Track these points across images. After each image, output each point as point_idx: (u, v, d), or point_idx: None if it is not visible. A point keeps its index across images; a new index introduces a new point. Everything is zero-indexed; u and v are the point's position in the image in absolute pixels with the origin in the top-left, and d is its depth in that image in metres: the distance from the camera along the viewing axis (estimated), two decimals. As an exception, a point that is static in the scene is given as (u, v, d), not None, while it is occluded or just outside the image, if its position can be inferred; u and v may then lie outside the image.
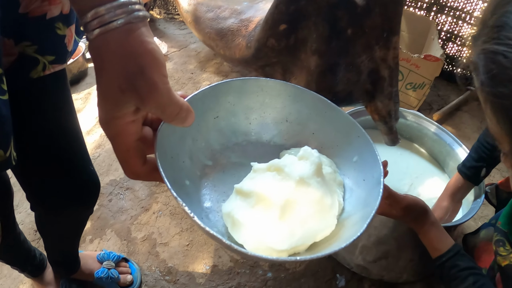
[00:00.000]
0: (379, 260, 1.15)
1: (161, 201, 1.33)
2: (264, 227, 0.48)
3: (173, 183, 0.43)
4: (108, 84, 0.36)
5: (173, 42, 2.53)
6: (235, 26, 1.30)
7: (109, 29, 0.35)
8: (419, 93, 1.92)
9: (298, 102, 0.62)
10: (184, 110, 0.40)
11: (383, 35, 0.97)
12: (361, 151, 0.57)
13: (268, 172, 0.53)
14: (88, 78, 2.16)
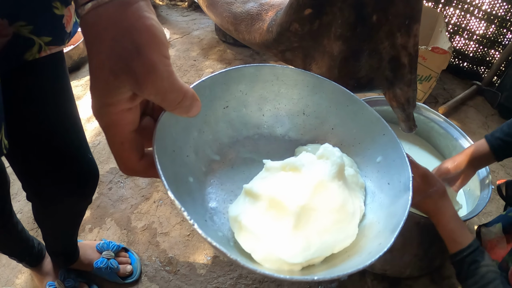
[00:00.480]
0: (383, 255, 1.11)
1: (162, 190, 1.27)
2: (275, 236, 0.41)
3: (174, 181, 0.36)
4: (99, 65, 0.29)
5: (175, 29, 2.45)
6: (255, 10, 1.23)
7: (102, 2, 0.29)
8: (425, 86, 1.85)
9: (317, 93, 0.55)
10: (189, 98, 0.33)
11: (405, 22, 0.92)
12: (387, 151, 0.50)
13: (283, 172, 0.46)
14: (86, 65, 2.08)
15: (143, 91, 0.30)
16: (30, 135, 0.64)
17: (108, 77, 0.29)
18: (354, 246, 0.43)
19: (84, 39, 0.30)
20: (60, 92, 0.66)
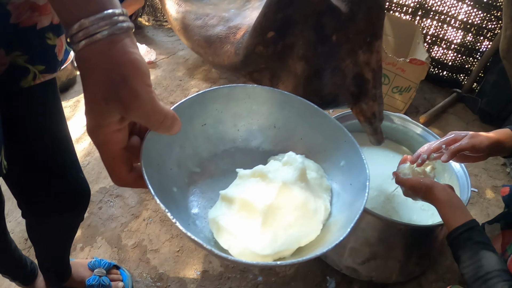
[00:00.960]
0: (368, 262, 1.17)
1: (151, 208, 1.34)
2: (247, 232, 0.49)
3: (160, 190, 0.44)
4: (93, 94, 0.37)
5: (161, 49, 2.54)
6: (223, 33, 1.31)
7: (93, 40, 0.36)
8: (405, 97, 1.95)
9: (285, 108, 0.64)
10: (169, 118, 0.41)
11: (367, 39, 1.00)
12: (348, 155, 0.58)
13: (253, 178, 0.55)
14: (76, 86, 2.16)
15: (130, 115, 0.38)
16: (25, 155, 0.70)
17: (100, 103, 0.37)
18: (320, 240, 0.51)
19: (79, 71, 0.38)
20: (53, 115, 0.73)
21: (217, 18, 1.44)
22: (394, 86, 1.94)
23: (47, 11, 0.58)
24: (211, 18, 1.45)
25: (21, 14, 0.55)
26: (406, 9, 2.36)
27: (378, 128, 1.15)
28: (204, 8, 1.61)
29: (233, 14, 1.46)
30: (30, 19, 0.57)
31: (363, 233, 1.14)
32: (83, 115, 1.84)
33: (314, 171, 0.58)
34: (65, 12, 0.37)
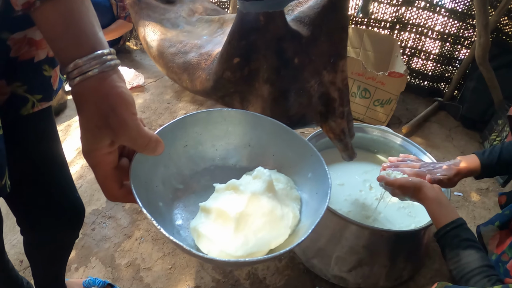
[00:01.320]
0: (354, 269, 1.24)
1: (143, 228, 1.40)
2: (223, 237, 0.57)
3: (147, 205, 0.52)
4: (87, 122, 0.46)
5: (149, 73, 2.64)
6: (196, 60, 1.40)
7: (86, 77, 0.44)
8: (386, 109, 2.05)
9: (257, 128, 0.72)
10: (153, 141, 0.49)
11: (330, 60, 1.08)
12: (315, 168, 0.67)
13: (227, 190, 0.63)
14: (67, 111, 2.24)
15: (119, 139, 0.46)
16: (25, 176, 0.76)
17: (93, 130, 0.45)
18: (290, 243, 0.59)
19: (75, 102, 0.46)
20: (50, 140, 0.81)
21: (190, 45, 1.53)
22: (375, 99, 2.04)
23: (43, 45, 0.66)
24: (185, 45, 1.54)
25: (20, 49, 0.63)
26: (384, 24, 2.50)
27: (348, 144, 1.21)
28: (178, 36, 1.70)
29: (205, 41, 1.56)
30: (28, 53, 0.64)
31: (347, 241, 1.20)
32: (74, 139, 1.92)
33: (283, 183, 0.67)
34: (62, 53, 0.45)
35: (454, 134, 2.21)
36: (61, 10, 0.44)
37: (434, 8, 2.34)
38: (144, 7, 1.92)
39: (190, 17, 1.98)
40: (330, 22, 1.06)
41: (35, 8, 0.43)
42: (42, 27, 0.46)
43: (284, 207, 0.62)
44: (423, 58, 2.51)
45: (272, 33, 0.99)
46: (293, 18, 1.08)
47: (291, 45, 1.00)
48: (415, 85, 2.58)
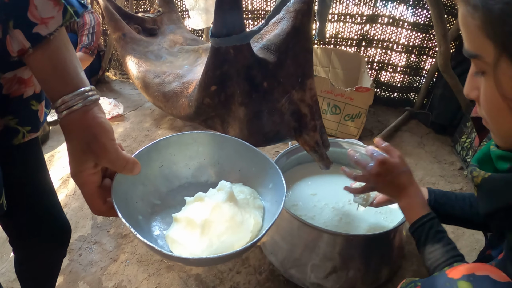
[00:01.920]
0: (330, 275, 1.31)
1: (128, 251, 1.50)
2: (191, 241, 0.70)
3: (128, 218, 0.64)
4: (74, 148, 0.58)
5: (128, 102, 2.78)
6: (178, 88, 1.56)
7: (72, 110, 0.57)
8: (357, 122, 2.21)
9: (224, 148, 0.86)
10: (130, 163, 0.62)
11: (298, 80, 1.22)
12: (274, 179, 0.80)
13: (195, 202, 0.77)
14: (50, 142, 2.35)
15: (101, 162, 0.59)
16: (16, 199, 0.86)
17: (79, 155, 0.58)
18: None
19: (63, 132, 0.58)
20: (38, 165, 0.92)
21: (172, 75, 1.69)
22: (345, 114, 2.20)
23: (31, 83, 0.77)
24: (168, 76, 1.70)
25: (11, 86, 0.74)
26: (350, 41, 2.69)
27: (323, 154, 1.34)
28: (161, 67, 1.86)
29: (186, 71, 1.72)
30: (18, 90, 0.75)
31: (321, 249, 1.29)
32: (58, 169, 2.03)
33: (247, 194, 0.80)
34: (51, 91, 0.58)
35: (426, 141, 2.36)
36: (49, 55, 0.57)
37: (397, 22, 2.54)
38: (129, 41, 2.09)
39: (172, 48, 2.16)
40: (295, 46, 1.20)
41: (28, 54, 0.56)
42: (34, 70, 0.58)
43: (244, 214, 0.75)
44: (390, 71, 2.70)
45: (241, 62, 1.14)
46: (261, 47, 1.23)
47: (259, 72, 1.15)
48: (385, 97, 2.77)
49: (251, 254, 1.44)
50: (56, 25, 0.56)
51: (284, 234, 1.34)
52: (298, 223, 1.27)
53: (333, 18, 2.68)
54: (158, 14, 2.41)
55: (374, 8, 2.57)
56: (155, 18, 2.38)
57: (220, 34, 1.09)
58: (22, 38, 0.55)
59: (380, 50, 2.66)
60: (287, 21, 1.20)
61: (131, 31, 2.16)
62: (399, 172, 1.03)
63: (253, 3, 2.95)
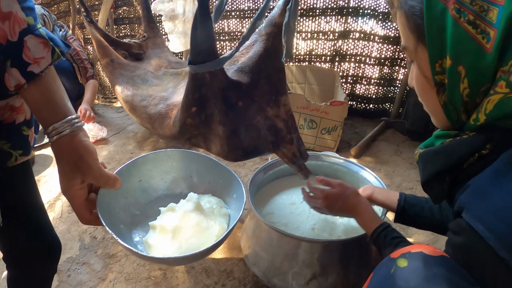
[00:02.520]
0: (311, 281, 1.36)
1: (115, 270, 1.59)
2: (164, 245, 0.83)
3: (111, 227, 0.75)
4: (63, 167, 0.70)
5: (112, 126, 2.90)
6: (164, 110, 1.69)
7: (61, 136, 0.69)
8: (333, 135, 2.34)
9: (195, 163, 0.99)
10: (112, 179, 0.74)
11: (272, 97, 1.34)
12: (237, 190, 0.94)
13: (167, 211, 0.90)
14: (35, 166, 2.45)
15: (86, 178, 0.71)
16: (10, 216, 0.94)
17: (68, 173, 0.70)
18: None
19: (54, 154, 0.70)
20: (29, 185, 1.02)
21: (158, 98, 1.83)
22: (322, 128, 2.33)
23: (22, 110, 0.88)
24: (154, 98, 1.83)
25: (4, 114, 0.84)
26: (324, 58, 2.85)
27: (302, 165, 1.42)
28: (148, 90, 2.00)
29: (170, 93, 1.85)
30: (11, 117, 0.83)
31: (299, 257, 1.35)
32: (44, 193, 2.12)
33: (214, 203, 0.94)
34: (43, 120, 0.71)
35: (402, 148, 2.50)
36: (41, 89, 0.70)
37: (368, 37, 2.72)
38: (116, 67, 2.24)
39: (157, 71, 2.30)
40: (268, 67, 1.32)
41: (24, 89, 0.68)
42: (28, 101, 0.71)
43: (209, 221, 0.88)
44: (365, 84, 2.86)
45: (216, 85, 1.26)
46: (236, 69, 1.35)
47: (233, 93, 1.27)
48: (362, 109, 2.92)
49: (235, 267, 1.53)
50: (46, 63, 0.69)
51: (264, 245, 1.41)
52: (276, 233, 1.35)
53: (307, 36, 2.86)
54: (144, 39, 2.56)
55: (345, 24, 2.73)
56: (140, 43, 2.54)
57: (196, 62, 1.22)
58: (18, 76, 0.67)
59: (354, 64, 2.83)
60: (260, 44, 1.32)
61: (118, 57, 2.30)
62: (344, 198, 1.18)
63: (229, 26, 3.11)
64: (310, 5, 2.78)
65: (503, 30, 0.59)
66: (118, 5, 3.54)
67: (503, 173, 0.61)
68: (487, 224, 0.60)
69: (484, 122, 0.65)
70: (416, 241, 1.64)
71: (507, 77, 0.60)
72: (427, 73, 0.71)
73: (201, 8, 1.12)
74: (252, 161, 2.29)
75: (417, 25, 0.68)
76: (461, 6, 0.62)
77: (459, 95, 0.67)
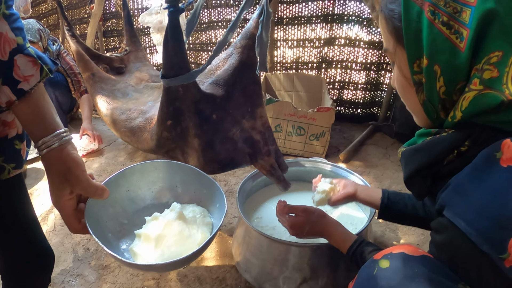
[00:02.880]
0: (301, 285, 1.37)
1: (109, 281, 1.61)
2: (147, 253, 0.88)
3: (99, 235, 0.79)
4: (53, 179, 0.75)
5: (103, 138, 2.93)
6: (142, 124, 1.73)
7: (50, 149, 0.74)
8: (322, 141, 2.39)
9: (179, 173, 1.03)
10: (100, 189, 0.79)
11: (248, 109, 1.38)
12: (219, 199, 0.99)
13: (152, 220, 0.95)
14: (27, 180, 2.47)
15: (75, 189, 0.76)
16: (4, 227, 0.99)
17: (58, 184, 0.75)
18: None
19: (44, 166, 0.75)
20: (22, 197, 1.05)
21: (137, 111, 1.87)
22: (310, 134, 2.39)
23: (14, 125, 0.91)
24: (133, 112, 1.87)
25: None
26: (311, 65, 2.91)
27: (280, 176, 1.48)
28: (128, 104, 2.04)
29: (149, 107, 1.90)
30: (3, 132, 0.87)
31: (289, 262, 1.38)
32: (36, 206, 2.16)
33: (197, 213, 0.99)
34: (33, 134, 0.75)
35: (391, 151, 2.55)
36: (31, 105, 0.74)
37: (354, 42, 2.78)
38: (97, 81, 2.28)
39: (138, 85, 2.35)
40: (243, 79, 1.37)
41: (15, 105, 0.73)
42: (19, 117, 0.76)
43: (191, 229, 0.93)
44: (352, 89, 2.93)
45: (190, 99, 1.30)
46: (211, 82, 1.39)
47: (207, 106, 1.31)
48: (350, 114, 2.97)
49: (227, 274, 1.56)
50: (36, 81, 0.74)
51: (255, 251, 1.44)
52: (266, 239, 1.39)
53: (293, 44, 2.92)
54: (125, 53, 2.60)
55: (330, 31, 2.79)
56: (122, 57, 2.59)
57: (169, 75, 1.26)
58: (10, 93, 0.72)
59: (340, 70, 2.89)
60: (235, 57, 1.37)
61: (100, 71, 2.35)
62: (310, 223, 1.20)
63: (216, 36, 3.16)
64: (296, 14, 2.85)
65: (475, 30, 0.62)
66: (106, 17, 3.60)
67: (482, 170, 0.63)
68: (468, 220, 0.62)
69: (461, 119, 0.67)
70: (407, 242, 1.68)
71: (481, 74, 0.63)
72: (406, 73, 0.75)
73: (171, 22, 1.17)
74: (243, 169, 2.32)
75: (395, 28, 0.72)
76: (436, 8, 0.66)
77: (436, 93, 0.70)
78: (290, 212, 1.27)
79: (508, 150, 0.60)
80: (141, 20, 2.68)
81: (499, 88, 0.62)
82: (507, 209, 0.58)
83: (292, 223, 1.23)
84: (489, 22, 0.62)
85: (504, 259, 0.57)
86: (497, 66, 0.62)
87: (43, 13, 4.00)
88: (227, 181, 2.23)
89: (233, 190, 2.15)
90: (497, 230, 0.58)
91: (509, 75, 0.61)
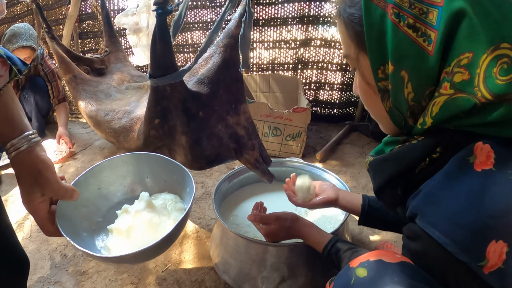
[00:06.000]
0: (280, 284, 1.38)
1: (87, 287, 1.61)
2: (120, 246, 0.91)
3: (74, 236, 0.81)
4: (23, 182, 0.76)
5: (79, 141, 2.92)
6: (128, 124, 1.75)
7: (19, 151, 0.75)
8: (298, 141, 2.43)
9: (149, 164, 1.06)
10: (69, 191, 0.80)
11: (232, 106, 1.41)
12: (189, 184, 1.01)
13: (123, 213, 0.98)
14: (3, 186, 2.45)
15: (45, 191, 0.77)
16: None
17: (28, 187, 0.76)
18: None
19: (13, 169, 0.76)
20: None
21: (121, 112, 1.88)
22: (286, 135, 2.42)
23: None
24: (117, 113, 1.88)
25: None
26: (287, 66, 2.95)
27: (265, 169, 1.52)
28: (111, 104, 2.05)
29: (134, 107, 1.91)
30: None
31: (267, 262, 1.37)
32: (12, 213, 2.16)
33: (168, 200, 1.02)
34: (1, 136, 0.75)
35: (367, 150, 2.61)
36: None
37: (329, 43, 2.83)
38: (79, 82, 2.29)
39: (120, 86, 2.36)
40: (226, 77, 1.40)
41: None
42: None
43: (162, 216, 0.96)
44: (328, 89, 2.98)
45: (177, 97, 1.33)
46: (195, 81, 1.42)
47: (193, 103, 1.35)
48: (326, 114, 3.03)
49: (206, 276, 1.58)
50: (4, 82, 0.74)
51: (232, 253, 1.45)
52: (243, 240, 1.40)
53: (269, 45, 2.96)
54: (105, 54, 2.61)
55: (306, 32, 2.84)
56: (102, 58, 2.60)
57: (156, 75, 1.29)
58: None
59: (316, 71, 2.94)
60: (218, 55, 1.40)
61: (81, 73, 2.36)
62: (285, 229, 1.24)
63: (193, 38, 3.18)
64: (272, 15, 2.90)
65: (444, 31, 0.59)
66: (82, 19, 3.57)
67: (454, 176, 0.61)
68: (442, 229, 0.59)
69: (431, 125, 0.64)
70: (384, 238, 1.71)
71: (451, 78, 0.60)
72: (370, 81, 0.71)
73: (159, 24, 1.18)
74: (219, 170, 2.35)
75: (356, 32, 0.69)
76: (400, 10, 0.62)
77: (404, 100, 0.67)
78: (262, 222, 1.29)
79: (481, 153, 0.59)
80: (117, 22, 2.68)
81: (471, 91, 0.59)
82: (482, 215, 0.56)
83: (266, 232, 1.26)
84: (457, 22, 0.59)
85: (483, 266, 0.56)
86: (468, 68, 0.59)
87: (18, 14, 3.93)
88: (204, 183, 2.24)
89: (210, 192, 2.16)
90: (474, 239, 0.57)
91: (481, 77, 0.58)
